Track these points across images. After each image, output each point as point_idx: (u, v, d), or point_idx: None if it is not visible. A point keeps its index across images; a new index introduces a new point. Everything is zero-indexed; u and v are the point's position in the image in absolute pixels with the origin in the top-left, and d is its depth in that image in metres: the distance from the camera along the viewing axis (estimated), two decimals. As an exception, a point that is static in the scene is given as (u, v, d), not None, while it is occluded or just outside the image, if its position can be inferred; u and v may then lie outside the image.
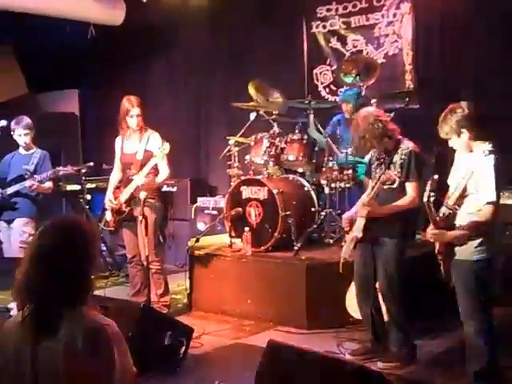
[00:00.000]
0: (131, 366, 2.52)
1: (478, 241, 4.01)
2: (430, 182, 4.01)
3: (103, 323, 2.43)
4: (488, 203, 3.96)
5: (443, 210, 4.10)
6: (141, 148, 6.06)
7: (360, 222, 4.80)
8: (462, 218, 4.07)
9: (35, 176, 6.36)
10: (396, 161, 4.74)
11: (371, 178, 4.99)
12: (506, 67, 6.74)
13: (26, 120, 6.53)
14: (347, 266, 5.12)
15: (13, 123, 6.49)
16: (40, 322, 2.42)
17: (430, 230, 4.13)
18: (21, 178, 6.42)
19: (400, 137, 4.92)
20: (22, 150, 6.63)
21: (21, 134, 6.49)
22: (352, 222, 4.93)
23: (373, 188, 4.78)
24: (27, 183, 6.33)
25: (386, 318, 4.99)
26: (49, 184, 6.51)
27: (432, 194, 3.98)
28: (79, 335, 2.37)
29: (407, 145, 4.83)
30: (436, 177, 4.03)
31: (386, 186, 4.65)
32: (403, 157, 4.73)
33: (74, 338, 2.38)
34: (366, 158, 5.53)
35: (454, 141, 4.10)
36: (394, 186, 4.65)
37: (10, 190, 6.43)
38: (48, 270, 2.44)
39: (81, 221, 2.58)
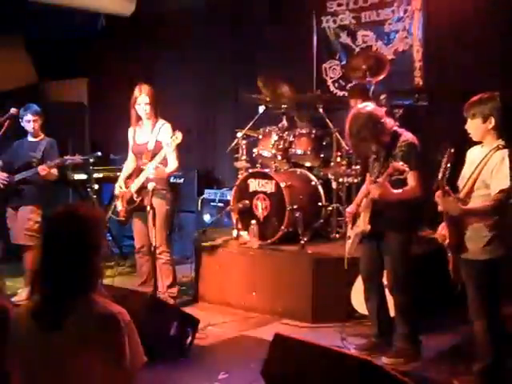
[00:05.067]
0: (142, 354, 2.54)
1: (488, 238, 4.00)
2: (446, 156, 3.96)
3: (115, 311, 2.46)
4: (501, 191, 3.91)
5: None
6: (152, 138, 6.07)
7: (365, 216, 4.78)
8: None
9: (48, 162, 6.43)
10: (396, 153, 4.69)
11: (369, 172, 4.97)
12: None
13: (35, 106, 6.64)
14: (352, 261, 5.13)
15: (21, 110, 6.57)
16: (50, 310, 2.45)
17: (440, 196, 4.03)
18: (28, 165, 6.48)
19: (396, 128, 4.89)
20: (29, 137, 6.71)
21: (30, 119, 6.57)
22: (355, 217, 4.94)
23: (374, 181, 4.74)
24: (39, 169, 6.39)
25: (391, 313, 5.01)
26: (55, 171, 6.57)
27: (448, 166, 3.92)
28: (90, 323, 2.40)
29: (406, 137, 4.78)
30: (452, 150, 3.97)
31: (393, 178, 4.57)
32: (403, 148, 4.68)
33: (85, 325, 2.40)
34: None
35: (474, 124, 4.07)
36: (402, 176, 4.55)
37: (19, 177, 6.48)
38: (57, 258, 2.46)
39: (89, 208, 2.59)
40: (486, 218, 3.98)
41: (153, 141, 6.06)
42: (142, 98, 6.05)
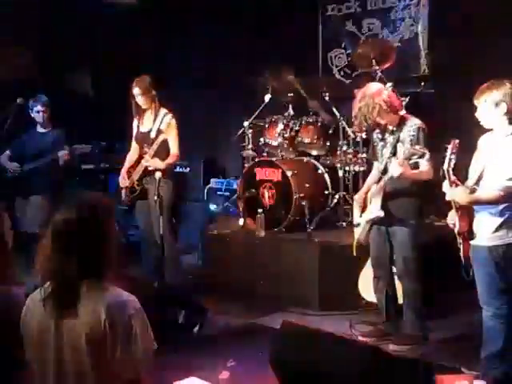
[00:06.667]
0: (152, 341, 2.55)
1: (496, 225, 3.99)
2: (450, 146, 3.93)
3: (126, 298, 2.47)
4: (510, 179, 3.88)
5: None
6: (154, 127, 6.09)
7: (377, 202, 4.77)
8: None
9: (63, 151, 6.44)
10: (404, 138, 4.66)
11: (377, 159, 4.96)
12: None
13: (44, 97, 6.67)
14: (360, 248, 5.14)
15: (31, 101, 6.60)
16: (62, 298, 2.46)
17: (447, 187, 4.00)
18: (38, 156, 6.51)
19: (404, 113, 4.87)
20: (39, 128, 6.74)
21: (39, 110, 6.61)
22: (364, 203, 4.93)
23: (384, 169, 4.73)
24: (62, 154, 6.40)
25: (399, 300, 5.02)
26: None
27: (452, 157, 3.90)
28: (102, 310, 2.41)
29: (414, 121, 4.76)
30: (457, 141, 3.94)
31: (411, 161, 4.53)
32: (412, 133, 4.63)
33: (96, 312, 2.41)
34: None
35: (485, 110, 4.01)
36: (423, 159, 4.52)
37: (29, 166, 6.52)
38: (69, 245, 2.47)
39: (99, 196, 2.60)
40: (495, 205, 3.97)
41: (155, 130, 6.09)
42: (135, 90, 6.11)
